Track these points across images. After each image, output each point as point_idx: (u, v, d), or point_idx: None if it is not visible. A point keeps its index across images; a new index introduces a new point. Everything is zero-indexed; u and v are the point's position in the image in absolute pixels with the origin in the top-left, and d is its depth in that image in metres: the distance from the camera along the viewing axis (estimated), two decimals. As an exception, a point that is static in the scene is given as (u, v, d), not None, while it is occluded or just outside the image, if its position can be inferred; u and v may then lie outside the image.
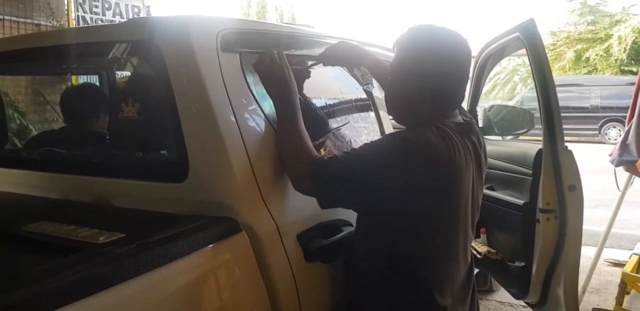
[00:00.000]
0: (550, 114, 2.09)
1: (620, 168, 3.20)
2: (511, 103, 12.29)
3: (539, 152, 2.20)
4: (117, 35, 1.48)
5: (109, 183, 1.46)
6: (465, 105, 2.77)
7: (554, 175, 2.09)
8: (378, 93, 2.13)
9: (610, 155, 3.21)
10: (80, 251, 1.03)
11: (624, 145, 3.08)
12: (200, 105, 1.29)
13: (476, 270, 2.96)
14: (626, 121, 3.23)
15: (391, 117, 1.57)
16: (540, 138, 2.16)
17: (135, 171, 1.43)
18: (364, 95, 2.02)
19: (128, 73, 1.73)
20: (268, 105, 1.45)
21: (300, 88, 1.60)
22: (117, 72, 2.13)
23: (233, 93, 1.33)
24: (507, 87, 20.50)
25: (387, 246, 1.32)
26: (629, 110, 3.16)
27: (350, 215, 1.54)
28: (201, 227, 1.18)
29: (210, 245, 1.16)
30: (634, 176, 3.22)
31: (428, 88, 1.33)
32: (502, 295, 3.38)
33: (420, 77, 1.32)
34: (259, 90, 1.44)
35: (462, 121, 1.42)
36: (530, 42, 2.10)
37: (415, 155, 1.22)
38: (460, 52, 1.33)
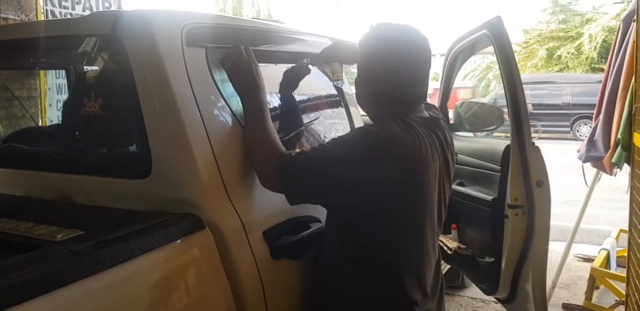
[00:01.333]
0: (518, 110, 2.12)
1: (588, 165, 3.26)
2: (484, 100, 12.45)
3: (507, 148, 2.23)
4: (81, 29, 1.45)
5: (71, 179, 1.44)
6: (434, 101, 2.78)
7: (521, 171, 2.12)
8: (348, 89, 2.13)
9: (578, 151, 3.27)
10: (37, 249, 1.01)
11: (591, 142, 3.15)
12: (163, 100, 1.27)
13: (448, 266, 3.01)
14: (593, 118, 3.30)
15: (364, 113, 1.59)
16: (509, 134, 2.19)
17: (98, 167, 1.41)
18: (334, 91, 2.02)
19: (93, 67, 1.69)
20: (235, 101, 1.43)
21: (270, 84, 1.59)
22: (82, 67, 2.09)
23: (198, 89, 1.32)
24: (481, 84, 20.75)
25: (356, 241, 1.33)
26: (596, 107, 3.22)
27: (319, 211, 1.55)
28: (163, 223, 1.17)
29: (173, 243, 1.15)
30: (601, 172, 3.29)
31: (390, 86, 1.37)
32: (474, 291, 3.42)
33: (381, 76, 1.36)
34: (226, 86, 1.43)
35: (428, 116, 1.45)
36: (497, 39, 2.13)
37: (382, 147, 1.24)
38: (420, 51, 1.37)
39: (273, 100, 1.62)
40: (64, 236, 1.06)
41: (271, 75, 1.65)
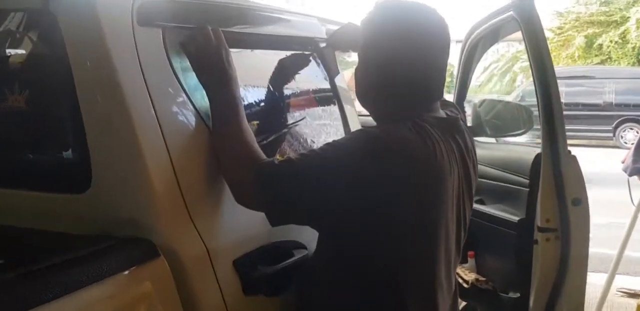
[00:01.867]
0: (550, 111, 2.13)
1: (635, 178, 3.28)
2: (510, 97, 12.57)
3: (537, 157, 2.24)
4: (4, 2, 1.44)
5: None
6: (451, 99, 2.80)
7: (554, 185, 2.14)
8: (343, 82, 2.13)
9: (623, 162, 3.29)
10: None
11: (638, 151, 3.17)
12: (108, 94, 1.26)
13: (463, 303, 3.01)
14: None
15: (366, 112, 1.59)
16: (539, 140, 2.20)
17: (22, 178, 1.39)
18: (326, 85, 2.02)
19: (18, 51, 1.67)
20: (200, 96, 1.43)
21: (247, 75, 1.58)
22: (3, 50, 2.06)
23: (153, 80, 1.31)
24: (506, 78, 20.99)
25: (356, 270, 1.32)
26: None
27: (305, 235, 1.54)
28: (105, 250, 1.15)
29: (117, 275, 1.13)
30: (651, 188, 3.32)
31: (400, 77, 1.36)
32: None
33: (389, 65, 1.35)
34: (188, 76, 1.42)
35: (444, 116, 1.44)
36: (526, 24, 2.14)
37: (386, 156, 1.24)
38: (437, 35, 1.37)
39: (248, 95, 1.61)
40: (-24, 267, 1.03)
41: (246, 63, 1.65)
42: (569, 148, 2.17)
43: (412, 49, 1.34)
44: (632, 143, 3.37)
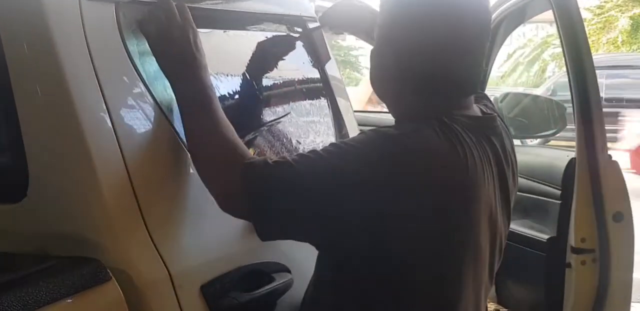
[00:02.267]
0: (587, 108, 2.15)
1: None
2: (538, 91, 12.64)
3: (571, 163, 2.26)
4: None
5: None
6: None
7: (592, 197, 2.15)
8: (336, 72, 2.14)
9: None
10: None
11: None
12: (49, 84, 1.27)
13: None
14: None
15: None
16: (573, 143, 2.21)
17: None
18: (315, 74, 2.03)
19: None
20: (162, 86, 1.44)
21: (218, 61, 1.59)
22: None
23: (103, 67, 1.32)
24: (534, 67, 21.11)
25: (360, 305, 1.33)
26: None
27: (288, 256, 1.58)
28: (45, 272, 1.16)
29: (58, 302, 1.13)
30: None
31: (427, 66, 1.34)
32: None
33: (416, 50, 1.33)
34: (147, 61, 1.43)
35: (479, 114, 1.44)
36: (558, 1, 2.16)
37: (406, 163, 1.23)
38: (476, 12, 1.34)
39: (219, 85, 1.62)
40: None
41: (217, 47, 1.66)
42: (610, 152, 2.19)
43: (444, 30, 1.31)
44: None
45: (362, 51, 18.78)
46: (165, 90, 1.43)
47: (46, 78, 1.27)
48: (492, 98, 2.85)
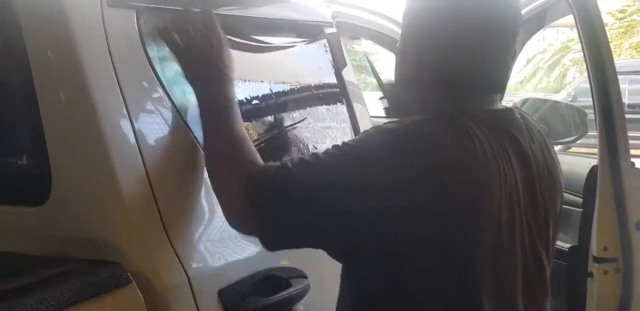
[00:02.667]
0: (609, 114, 2.14)
1: None
2: (559, 97, 12.57)
3: (593, 170, 2.25)
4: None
5: None
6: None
7: (614, 205, 2.14)
8: (352, 77, 2.17)
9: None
10: None
11: None
12: (72, 90, 1.30)
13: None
14: None
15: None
16: (595, 150, 2.20)
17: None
18: (332, 80, 2.05)
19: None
20: (181, 92, 1.47)
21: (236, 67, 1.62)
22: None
23: (125, 72, 1.34)
24: (554, 73, 20.97)
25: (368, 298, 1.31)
26: None
27: (305, 261, 1.59)
28: (66, 275, 1.18)
29: (80, 304, 1.15)
30: None
31: (446, 62, 1.31)
32: None
33: (440, 44, 1.30)
34: (167, 67, 1.46)
35: (495, 108, 1.39)
36: (580, 5, 2.16)
37: (406, 154, 1.21)
38: (505, 8, 1.32)
39: (236, 90, 1.64)
40: None
41: (234, 53, 1.68)
42: (632, 159, 2.18)
43: (465, 25, 1.28)
44: None
45: (377, 56, 18.73)
46: (184, 95, 1.46)
47: (69, 84, 1.30)
48: (511, 103, 2.87)
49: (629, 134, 2.18)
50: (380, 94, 1.53)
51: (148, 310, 1.25)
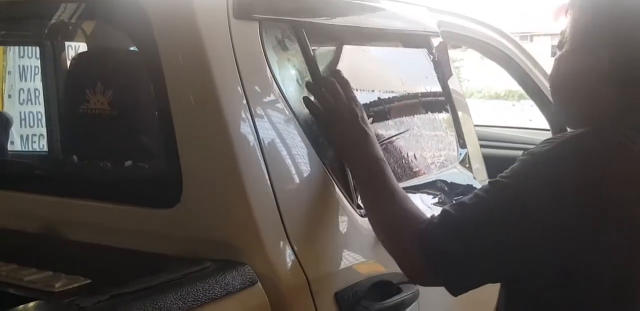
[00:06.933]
0: None
1: None
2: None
3: None
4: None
5: (60, 205, 1.54)
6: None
7: None
8: (457, 86, 2.18)
9: None
10: (28, 303, 1.10)
11: None
12: (201, 95, 1.37)
13: None
14: None
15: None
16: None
17: (102, 189, 1.50)
18: (438, 89, 2.08)
19: (103, 46, 1.80)
20: (298, 99, 1.52)
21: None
22: (72, 43, 2.23)
23: (249, 81, 1.41)
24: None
25: None
26: None
27: None
28: (199, 274, 1.23)
29: (213, 302, 1.21)
30: None
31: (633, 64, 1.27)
32: None
33: (622, 45, 1.27)
34: (286, 75, 1.53)
35: None
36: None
37: (559, 175, 1.20)
38: None
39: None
40: (64, 286, 1.15)
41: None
42: None
43: None
44: None
45: (462, 63, 18.54)
46: (300, 104, 1.51)
47: (199, 90, 1.37)
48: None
49: None
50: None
51: (272, 310, 1.30)
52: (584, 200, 1.19)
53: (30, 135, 3.18)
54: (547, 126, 3.07)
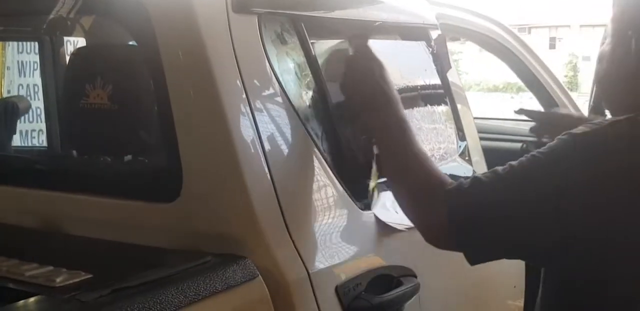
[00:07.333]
0: None
1: None
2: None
3: None
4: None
5: (60, 200, 1.54)
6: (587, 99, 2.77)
7: None
8: (457, 79, 2.18)
9: None
10: (29, 298, 1.10)
11: None
12: (202, 90, 1.37)
13: None
14: None
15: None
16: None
17: (101, 184, 1.50)
18: (435, 81, 2.08)
19: (101, 41, 1.80)
20: (297, 93, 1.53)
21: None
22: (70, 38, 2.23)
23: (249, 75, 1.41)
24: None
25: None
26: None
27: (415, 261, 1.62)
28: (200, 268, 1.24)
29: (214, 296, 1.21)
30: None
31: None
32: None
33: None
34: (284, 69, 1.52)
35: None
36: None
37: (601, 159, 1.22)
38: None
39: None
40: (65, 281, 1.15)
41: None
42: None
43: None
44: None
45: (461, 55, 18.57)
46: (300, 97, 1.52)
47: (198, 83, 1.37)
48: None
49: None
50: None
51: (273, 303, 1.30)
52: (622, 183, 1.21)
53: (29, 130, 3.18)
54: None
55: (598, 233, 1.22)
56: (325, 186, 1.50)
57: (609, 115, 2.67)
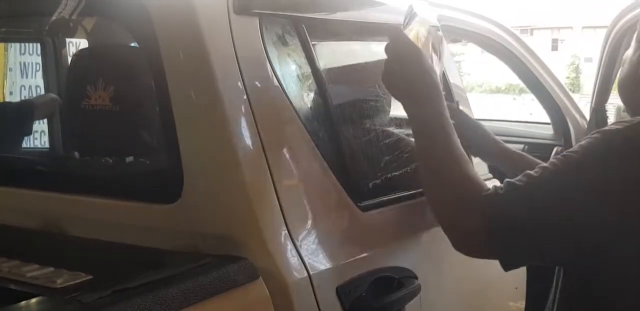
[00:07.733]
0: None
1: None
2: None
3: None
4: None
5: (62, 201, 1.54)
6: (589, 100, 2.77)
7: None
8: (458, 80, 2.18)
9: None
10: (30, 299, 1.10)
11: None
12: (203, 91, 1.37)
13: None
14: None
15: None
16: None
17: (103, 185, 1.51)
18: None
19: (104, 42, 1.81)
20: (297, 93, 1.52)
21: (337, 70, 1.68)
22: (72, 39, 2.23)
23: (250, 76, 1.41)
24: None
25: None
26: None
27: (415, 262, 1.62)
28: (202, 269, 1.24)
29: (215, 297, 1.21)
30: None
31: None
32: None
33: None
34: (286, 70, 1.52)
35: None
36: None
37: (632, 156, 1.22)
38: None
39: (334, 95, 1.66)
40: (65, 282, 1.15)
41: (338, 57, 1.72)
42: None
43: None
44: None
45: (463, 57, 18.59)
46: (300, 95, 1.52)
47: (200, 85, 1.37)
48: (616, 106, 2.81)
49: None
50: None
51: (273, 305, 1.30)
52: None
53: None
54: (548, 119, 3.07)
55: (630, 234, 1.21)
56: (326, 187, 1.50)
57: (610, 118, 2.68)
